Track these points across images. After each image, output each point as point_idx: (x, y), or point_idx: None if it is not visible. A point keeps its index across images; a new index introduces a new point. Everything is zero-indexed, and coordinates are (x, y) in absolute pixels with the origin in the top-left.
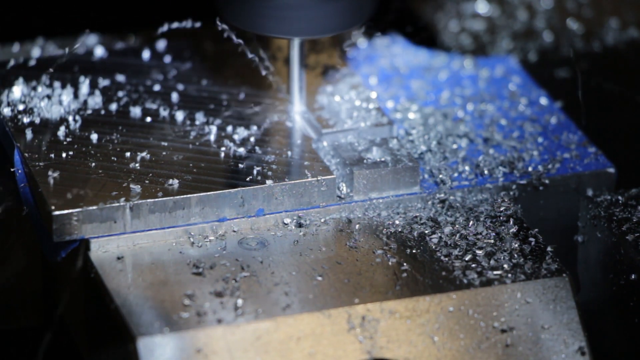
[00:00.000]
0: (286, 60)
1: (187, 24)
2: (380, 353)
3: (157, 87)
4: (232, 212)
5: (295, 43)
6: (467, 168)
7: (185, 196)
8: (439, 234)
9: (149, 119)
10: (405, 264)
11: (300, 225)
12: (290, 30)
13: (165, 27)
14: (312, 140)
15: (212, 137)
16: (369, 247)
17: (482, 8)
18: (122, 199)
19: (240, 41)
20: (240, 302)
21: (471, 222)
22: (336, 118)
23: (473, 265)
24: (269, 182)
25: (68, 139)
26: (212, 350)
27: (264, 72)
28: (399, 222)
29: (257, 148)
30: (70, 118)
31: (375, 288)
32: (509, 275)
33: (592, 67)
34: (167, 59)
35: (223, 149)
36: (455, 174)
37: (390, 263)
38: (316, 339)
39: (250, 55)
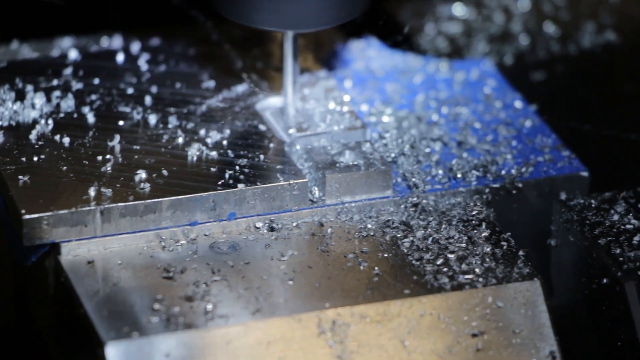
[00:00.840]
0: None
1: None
2: (350, 357)
3: (130, 90)
4: (204, 216)
5: (289, 36)
6: (440, 172)
7: (156, 200)
8: (411, 238)
9: (121, 123)
10: (376, 268)
11: (272, 229)
12: (284, 23)
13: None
14: (285, 144)
15: (184, 141)
16: (340, 251)
17: (459, 11)
18: (93, 203)
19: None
20: (210, 306)
21: (443, 226)
22: (309, 121)
23: (445, 270)
24: (240, 185)
25: (40, 143)
26: (181, 355)
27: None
28: (371, 226)
29: (229, 151)
30: (43, 121)
31: (346, 292)
32: (481, 279)
33: (567, 70)
34: (142, 61)
35: (195, 152)
36: (429, 178)
37: (361, 267)
38: (286, 343)
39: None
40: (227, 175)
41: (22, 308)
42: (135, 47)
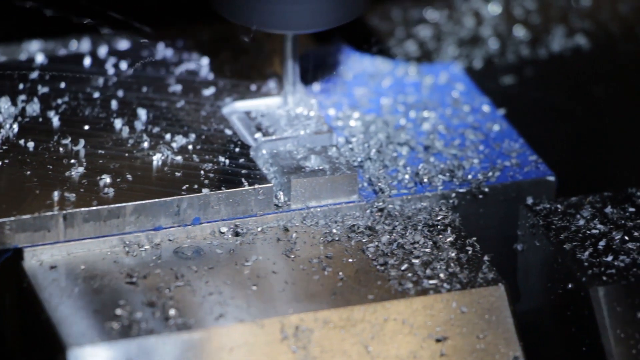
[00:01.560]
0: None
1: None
2: None
3: (96, 94)
4: (168, 220)
5: (289, 38)
6: (406, 176)
7: (120, 205)
8: (376, 243)
9: (86, 127)
10: (341, 273)
11: (237, 234)
12: (283, 24)
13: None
14: (251, 148)
15: (150, 145)
16: (305, 256)
17: (429, 15)
18: (56, 208)
19: None
20: (172, 312)
21: (409, 231)
22: (276, 126)
23: (409, 275)
24: (205, 190)
25: (4, 147)
26: None
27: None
28: (336, 230)
29: (194, 156)
30: (7, 125)
31: (310, 298)
32: (445, 284)
33: (537, 74)
34: (108, 65)
35: (160, 156)
36: (395, 182)
37: (326, 272)
38: (249, 349)
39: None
40: (191, 180)
41: None
42: (102, 50)
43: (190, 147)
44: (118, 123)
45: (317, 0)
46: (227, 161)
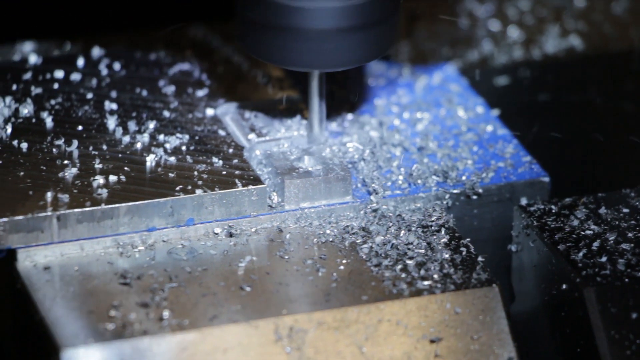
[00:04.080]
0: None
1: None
2: None
3: (90, 95)
4: (162, 221)
5: (315, 75)
6: (400, 177)
7: (113, 206)
8: (370, 244)
9: (80, 127)
10: (335, 274)
11: (231, 235)
12: (309, 63)
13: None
14: (244, 149)
15: (143, 146)
16: (299, 257)
17: (424, 15)
18: (50, 209)
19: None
20: (166, 313)
21: (403, 232)
22: (269, 126)
23: (403, 276)
24: (198, 191)
25: None
26: None
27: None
28: (330, 231)
29: (188, 157)
30: (0, 126)
31: (304, 299)
32: (439, 285)
33: (531, 74)
34: (102, 66)
35: (154, 157)
36: (389, 183)
37: (320, 273)
38: (243, 350)
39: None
40: (185, 181)
41: None
42: (96, 52)
43: (183, 147)
44: (111, 124)
45: (343, 38)
46: (221, 162)
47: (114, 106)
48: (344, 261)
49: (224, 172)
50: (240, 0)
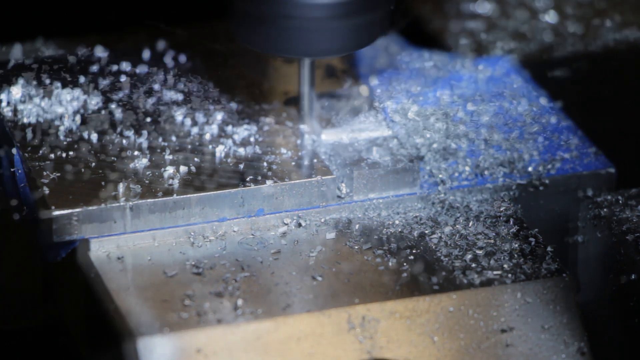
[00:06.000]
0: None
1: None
2: (380, 353)
3: (156, 87)
4: (232, 212)
5: (306, 63)
6: (467, 168)
7: (185, 196)
8: (439, 234)
9: (149, 119)
10: (405, 264)
11: (300, 225)
12: (301, 50)
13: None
14: (313, 140)
15: (212, 137)
16: (369, 247)
17: (482, 8)
18: (122, 199)
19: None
20: (240, 302)
21: (471, 222)
22: (338, 117)
23: (473, 265)
24: (269, 182)
25: (68, 139)
26: (212, 351)
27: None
28: (398, 222)
29: (257, 148)
30: (71, 118)
31: (375, 288)
32: (509, 275)
33: (590, 67)
34: (168, 58)
35: (223, 148)
36: (455, 174)
37: (390, 263)
38: (316, 339)
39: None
40: (255, 172)
41: (50, 305)
42: (160, 44)
43: (252, 139)
44: (180, 115)
45: (334, 26)
46: (290, 153)
47: (180, 97)
48: (414, 251)
49: (293, 163)
50: None
